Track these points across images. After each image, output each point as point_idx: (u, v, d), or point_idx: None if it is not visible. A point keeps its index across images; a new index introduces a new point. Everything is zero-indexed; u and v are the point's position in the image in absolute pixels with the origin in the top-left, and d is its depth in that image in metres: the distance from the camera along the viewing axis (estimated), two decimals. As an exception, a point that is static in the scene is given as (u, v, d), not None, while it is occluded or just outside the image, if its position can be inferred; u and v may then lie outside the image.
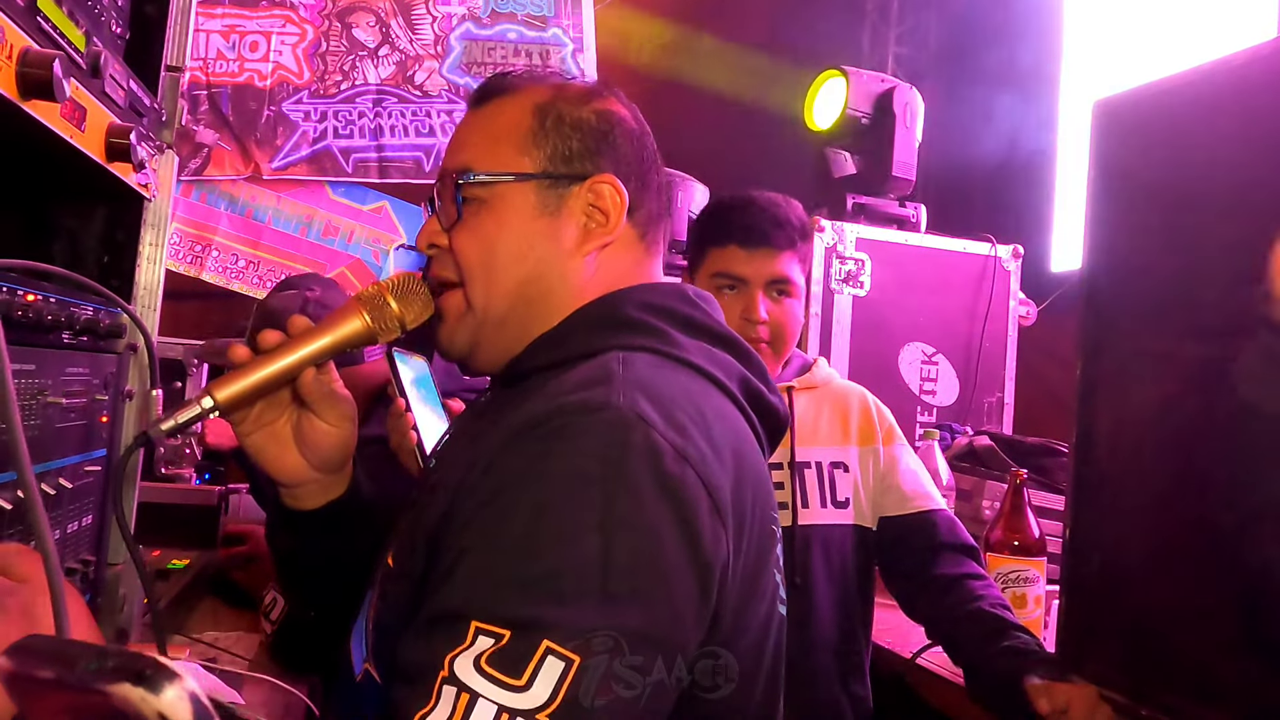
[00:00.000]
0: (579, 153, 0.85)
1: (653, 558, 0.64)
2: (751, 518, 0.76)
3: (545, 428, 0.68)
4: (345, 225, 3.92)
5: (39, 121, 0.73)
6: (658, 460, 0.67)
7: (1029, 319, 2.62)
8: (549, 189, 0.84)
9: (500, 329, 0.85)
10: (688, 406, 0.74)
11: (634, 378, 0.73)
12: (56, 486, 0.87)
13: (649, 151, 0.90)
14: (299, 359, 0.79)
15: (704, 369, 0.80)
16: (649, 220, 0.89)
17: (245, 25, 3.80)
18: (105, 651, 0.38)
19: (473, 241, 0.84)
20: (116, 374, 1.01)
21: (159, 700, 0.36)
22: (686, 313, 0.84)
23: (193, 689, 0.37)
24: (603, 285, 0.85)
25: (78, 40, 0.78)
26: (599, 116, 0.86)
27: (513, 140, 0.84)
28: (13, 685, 0.41)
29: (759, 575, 0.77)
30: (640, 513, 0.65)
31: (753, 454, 0.82)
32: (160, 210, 1.08)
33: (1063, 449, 2.02)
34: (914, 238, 2.53)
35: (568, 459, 0.66)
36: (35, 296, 0.78)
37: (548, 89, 0.88)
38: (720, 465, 0.72)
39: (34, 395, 0.80)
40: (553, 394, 0.72)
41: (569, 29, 3.96)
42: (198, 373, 2.07)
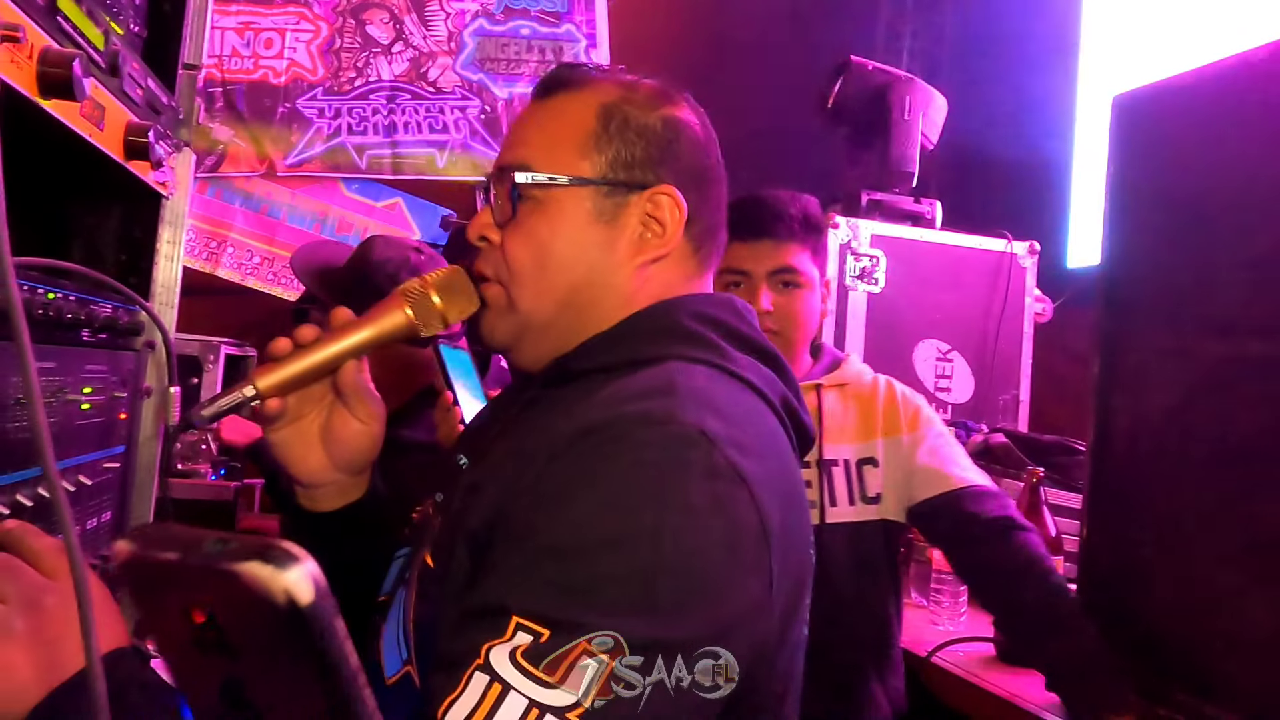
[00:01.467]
0: (641, 160, 0.82)
1: (701, 573, 0.64)
2: (796, 542, 0.76)
3: (604, 435, 0.68)
4: (359, 222, 3.93)
5: (59, 121, 0.73)
6: (715, 478, 0.67)
7: (1045, 315, 2.60)
8: (607, 196, 0.82)
9: (544, 332, 0.83)
10: (747, 425, 0.73)
11: (697, 391, 0.72)
12: (76, 483, 0.87)
13: (713, 162, 0.88)
14: (342, 350, 0.79)
15: (755, 385, 0.80)
16: (705, 233, 0.87)
17: (260, 22, 3.81)
18: (225, 537, 0.39)
19: (524, 243, 0.82)
20: (135, 371, 1.02)
21: (284, 576, 0.37)
22: (735, 326, 0.83)
23: (314, 571, 0.37)
24: (652, 297, 0.83)
25: (97, 39, 0.79)
26: (665, 123, 0.84)
27: (574, 141, 0.82)
28: (131, 570, 0.41)
29: (799, 601, 0.77)
30: (691, 527, 0.65)
31: (798, 475, 0.82)
32: (178, 208, 1.08)
33: (1079, 447, 2.01)
34: (929, 234, 2.52)
35: (627, 468, 0.66)
36: (55, 295, 0.79)
37: (616, 88, 0.85)
38: (772, 488, 0.71)
39: (54, 393, 0.80)
40: (612, 401, 0.71)
41: (582, 25, 3.96)
42: (214, 368, 2.08)
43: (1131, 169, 1.40)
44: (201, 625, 0.40)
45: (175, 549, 0.39)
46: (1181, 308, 1.29)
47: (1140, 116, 1.40)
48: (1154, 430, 1.31)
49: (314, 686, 0.38)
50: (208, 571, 0.38)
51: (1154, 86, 1.38)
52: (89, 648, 0.53)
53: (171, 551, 0.39)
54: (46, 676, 0.63)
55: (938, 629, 1.74)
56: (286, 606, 0.37)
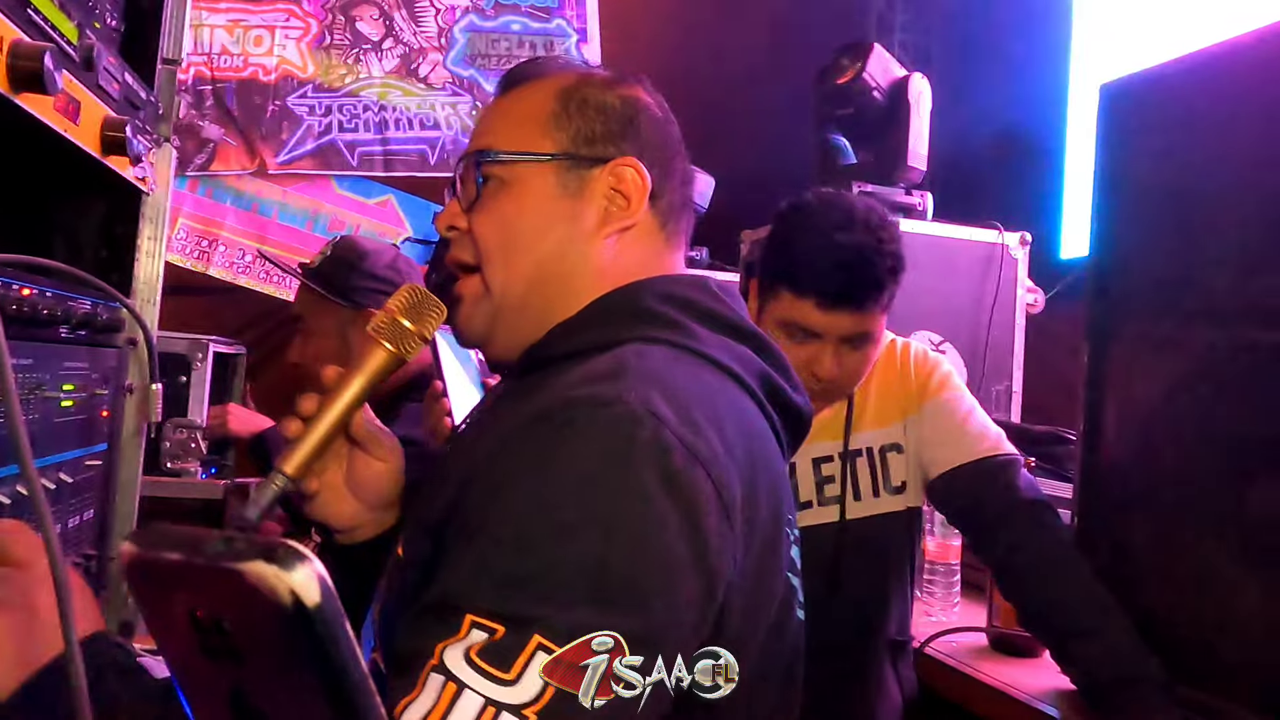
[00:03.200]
0: (602, 135, 0.84)
1: (655, 558, 0.63)
2: (764, 519, 0.74)
3: (551, 421, 0.67)
4: (351, 219, 3.92)
5: (31, 115, 0.72)
6: (665, 458, 0.65)
7: (1037, 306, 2.60)
8: (570, 170, 0.83)
9: (518, 313, 0.83)
10: (702, 401, 0.72)
11: (648, 371, 0.71)
12: (57, 481, 0.87)
13: (673, 140, 0.89)
14: (345, 407, 0.80)
15: (722, 363, 0.79)
16: (671, 210, 0.88)
17: (249, 20, 3.79)
18: (230, 536, 0.38)
19: (491, 222, 0.83)
20: (117, 368, 1.01)
21: (290, 577, 0.36)
22: (708, 305, 0.83)
23: (320, 571, 0.37)
24: (623, 272, 0.84)
25: (70, 32, 0.78)
26: (624, 101, 0.86)
27: (535, 122, 0.84)
28: (136, 571, 0.40)
29: (769, 577, 0.75)
30: (644, 511, 0.63)
31: (769, 453, 0.80)
32: (159, 204, 1.08)
33: (1072, 437, 2.00)
34: (920, 226, 2.51)
35: (572, 454, 0.65)
36: (31, 291, 0.78)
37: (573, 75, 0.88)
38: (732, 463, 0.70)
39: (32, 390, 0.80)
40: (563, 386, 0.71)
41: (573, 20, 3.94)
42: (202, 367, 2.07)
43: (1120, 157, 1.39)
44: (207, 629, 0.39)
45: (179, 549, 0.38)
46: (1171, 296, 1.28)
47: (1128, 104, 1.39)
48: (1144, 419, 1.31)
49: (320, 691, 0.37)
50: (212, 571, 0.37)
51: (1142, 74, 1.38)
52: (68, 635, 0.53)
53: (175, 551, 0.38)
54: (20, 665, 0.63)
55: (930, 619, 1.73)
56: (293, 607, 0.36)
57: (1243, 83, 1.21)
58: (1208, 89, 1.27)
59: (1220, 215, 1.22)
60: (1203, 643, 1.18)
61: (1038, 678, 1.40)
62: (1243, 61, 1.22)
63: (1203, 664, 1.18)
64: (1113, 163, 1.40)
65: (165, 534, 0.39)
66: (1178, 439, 1.25)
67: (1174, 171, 1.31)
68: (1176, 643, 1.21)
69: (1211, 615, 1.18)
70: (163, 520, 1.08)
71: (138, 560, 0.40)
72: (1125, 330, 1.35)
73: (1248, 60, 1.21)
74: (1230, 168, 1.22)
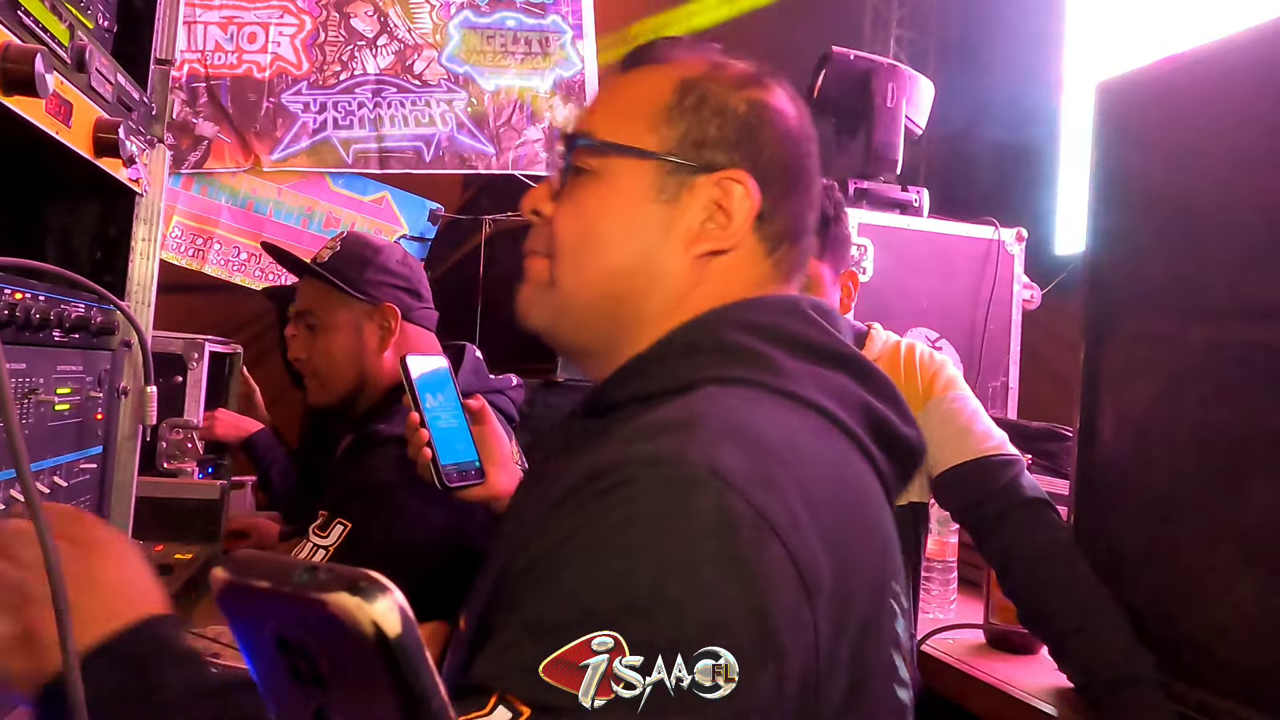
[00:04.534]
0: (715, 140, 0.75)
1: (711, 652, 0.54)
2: (860, 594, 0.65)
3: (604, 483, 0.59)
4: (347, 216, 3.91)
5: (23, 118, 0.72)
6: (730, 532, 0.56)
7: (1033, 303, 2.60)
8: (670, 174, 0.74)
9: (583, 321, 0.76)
10: (785, 454, 0.63)
11: (720, 419, 0.63)
12: (51, 485, 0.86)
13: (803, 157, 0.79)
14: None
15: (814, 402, 0.69)
16: (783, 236, 0.77)
17: (243, 16, 3.78)
18: (314, 566, 0.39)
19: (572, 216, 0.76)
20: (111, 370, 1.01)
21: (373, 608, 0.37)
22: (797, 330, 0.73)
23: (401, 602, 0.38)
24: (711, 300, 0.74)
25: (61, 34, 0.77)
26: (749, 105, 0.76)
27: (644, 112, 0.76)
28: (227, 596, 0.42)
29: (865, 658, 0.65)
30: (700, 596, 0.55)
31: (870, 510, 0.70)
32: (153, 205, 1.07)
33: (1068, 433, 2.01)
34: (916, 222, 2.52)
35: (621, 526, 0.57)
36: (23, 295, 0.78)
37: (700, 65, 0.78)
38: (817, 531, 0.61)
39: (26, 394, 0.79)
40: (625, 440, 0.63)
41: (568, 15, 3.93)
42: (198, 367, 2.06)
43: (1115, 155, 1.39)
44: (294, 654, 0.40)
45: (267, 577, 0.39)
46: (1167, 294, 1.28)
47: (1124, 102, 1.39)
48: (1140, 417, 1.31)
49: (401, 717, 0.38)
50: (298, 600, 0.38)
51: (1138, 72, 1.38)
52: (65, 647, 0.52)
53: (263, 579, 0.39)
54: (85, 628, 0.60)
55: (927, 616, 1.74)
56: (374, 638, 0.36)
57: (1238, 81, 1.21)
58: (1203, 87, 1.27)
59: (1216, 213, 1.22)
60: (1199, 641, 1.18)
61: (1035, 675, 1.40)
62: (1238, 59, 1.22)
63: (1198, 662, 1.18)
64: (1108, 161, 1.40)
65: (254, 561, 0.41)
66: (1174, 437, 1.25)
67: (1170, 169, 1.31)
68: (1172, 641, 1.21)
69: (1207, 613, 1.18)
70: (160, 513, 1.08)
71: (228, 586, 0.41)
72: (1121, 329, 1.35)
73: (1243, 58, 1.21)
74: (1226, 165, 1.22)
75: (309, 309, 1.64)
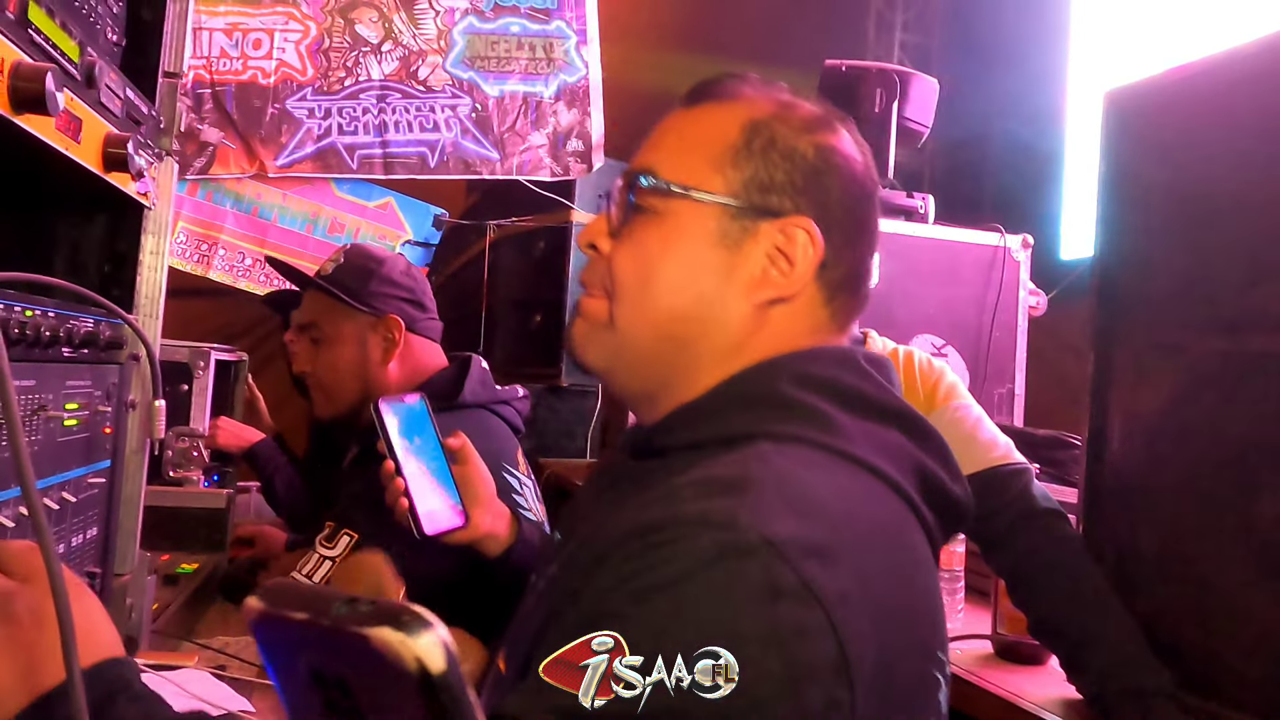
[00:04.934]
0: (781, 185, 0.73)
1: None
2: (906, 671, 0.63)
3: (651, 539, 0.58)
4: (351, 222, 3.92)
5: (34, 135, 0.72)
6: (775, 600, 0.55)
7: (1039, 309, 2.59)
8: (734, 219, 0.73)
9: (640, 363, 0.75)
10: (840, 523, 0.62)
11: (777, 481, 0.62)
12: (60, 501, 0.86)
13: (866, 203, 0.78)
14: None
15: (869, 463, 0.68)
16: (842, 285, 0.76)
17: (248, 23, 3.78)
18: (355, 598, 0.38)
19: (632, 256, 0.74)
20: (119, 384, 1.01)
21: (416, 643, 0.36)
22: (853, 385, 0.72)
23: (445, 637, 0.37)
24: (768, 347, 0.73)
25: (71, 51, 0.77)
26: (817, 150, 0.75)
27: (711, 152, 0.74)
28: (262, 627, 0.41)
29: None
30: (736, 664, 0.53)
31: (921, 574, 0.69)
32: (161, 218, 1.07)
33: (1075, 441, 2.00)
34: (922, 228, 2.51)
35: (664, 586, 0.56)
36: (33, 312, 0.78)
37: (770, 104, 0.77)
38: (867, 604, 0.59)
39: (35, 410, 0.79)
40: (676, 495, 0.62)
41: (572, 21, 3.93)
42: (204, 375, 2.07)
43: (1124, 165, 1.39)
44: (330, 687, 0.39)
45: (305, 608, 0.39)
46: (1177, 304, 1.28)
47: (1131, 111, 1.39)
48: (1150, 427, 1.31)
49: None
50: (337, 633, 0.37)
51: (1145, 82, 1.37)
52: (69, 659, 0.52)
53: (301, 611, 0.39)
54: (27, 684, 0.60)
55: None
56: (418, 674, 0.36)
57: (1248, 90, 1.20)
58: (1213, 96, 1.27)
59: (1227, 223, 1.22)
60: (1211, 653, 1.18)
61: (1044, 687, 1.39)
62: (1247, 68, 1.21)
63: (1211, 674, 1.17)
64: (1116, 170, 1.40)
65: (291, 591, 0.40)
66: (1185, 447, 1.24)
67: (1178, 179, 1.30)
68: (1184, 652, 1.20)
69: (1220, 625, 1.17)
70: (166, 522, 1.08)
71: (264, 616, 0.41)
72: (1130, 338, 1.35)
73: (1252, 67, 1.20)
74: (1235, 175, 1.22)
75: (313, 321, 1.64)
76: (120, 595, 1.06)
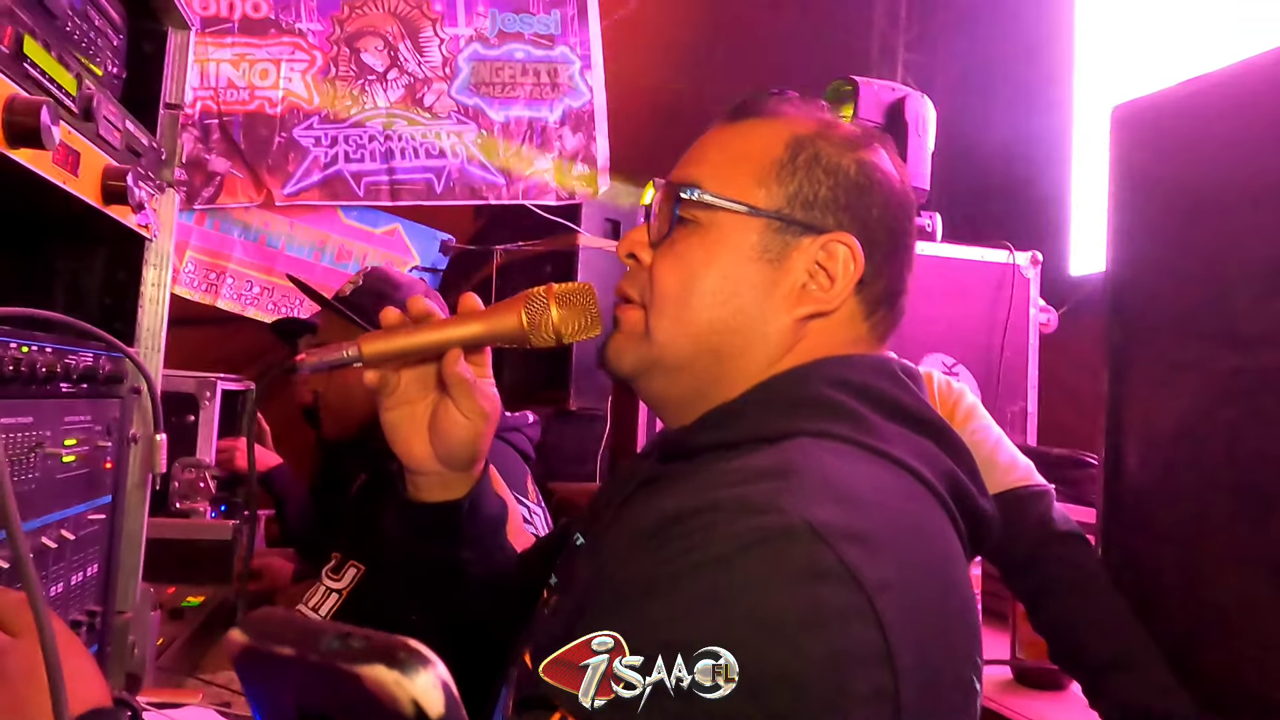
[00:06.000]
0: (824, 202, 0.74)
1: (782, 706, 0.52)
2: (948, 671, 0.62)
3: (691, 523, 0.58)
4: (359, 249, 3.93)
5: (30, 169, 0.71)
6: (817, 582, 0.55)
7: (1050, 326, 2.57)
8: (777, 233, 0.73)
9: (677, 373, 0.75)
10: (882, 514, 0.61)
11: (818, 472, 0.61)
12: (59, 539, 0.85)
13: (905, 220, 0.79)
14: (448, 336, 0.76)
15: (907, 463, 0.67)
16: (882, 300, 0.77)
17: (255, 54, 3.82)
18: (348, 631, 0.35)
19: (674, 267, 0.74)
20: (120, 419, 0.99)
21: (413, 684, 0.33)
22: (889, 392, 0.72)
23: (444, 677, 0.34)
24: (807, 359, 0.74)
25: (69, 84, 0.77)
26: (859, 167, 0.76)
27: (756, 167, 0.75)
28: (245, 662, 0.38)
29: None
30: (780, 647, 0.53)
31: (959, 576, 0.67)
32: (162, 250, 1.06)
33: (1090, 460, 1.98)
34: (929, 247, 2.49)
35: (707, 566, 0.55)
36: (30, 348, 0.76)
37: (812, 123, 0.77)
38: (909, 594, 0.58)
39: (32, 448, 0.78)
40: (714, 483, 0.62)
41: (576, 46, 3.95)
42: (210, 405, 2.06)
43: (1134, 181, 1.38)
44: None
45: (292, 643, 0.36)
46: (1192, 320, 1.26)
47: (1140, 126, 1.37)
48: (1168, 444, 1.28)
49: None
50: (326, 671, 0.35)
51: (1154, 96, 1.36)
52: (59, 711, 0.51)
53: (287, 645, 0.36)
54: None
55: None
56: (414, 718, 0.33)
57: (1258, 103, 1.19)
58: (1220, 110, 1.25)
59: (1240, 236, 1.20)
60: (1234, 675, 1.15)
61: (1065, 713, 1.37)
62: (1255, 83, 1.20)
63: (1235, 698, 1.14)
64: (1126, 186, 1.38)
65: (276, 624, 0.37)
66: (1203, 465, 1.22)
67: (1189, 193, 1.29)
68: (1207, 675, 1.18)
69: (1243, 647, 1.15)
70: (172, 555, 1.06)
71: (248, 652, 0.38)
72: (1146, 355, 1.33)
73: (1263, 80, 1.19)
74: (1246, 188, 1.20)
75: (326, 341, 1.63)
76: (122, 633, 1.04)
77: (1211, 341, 1.23)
